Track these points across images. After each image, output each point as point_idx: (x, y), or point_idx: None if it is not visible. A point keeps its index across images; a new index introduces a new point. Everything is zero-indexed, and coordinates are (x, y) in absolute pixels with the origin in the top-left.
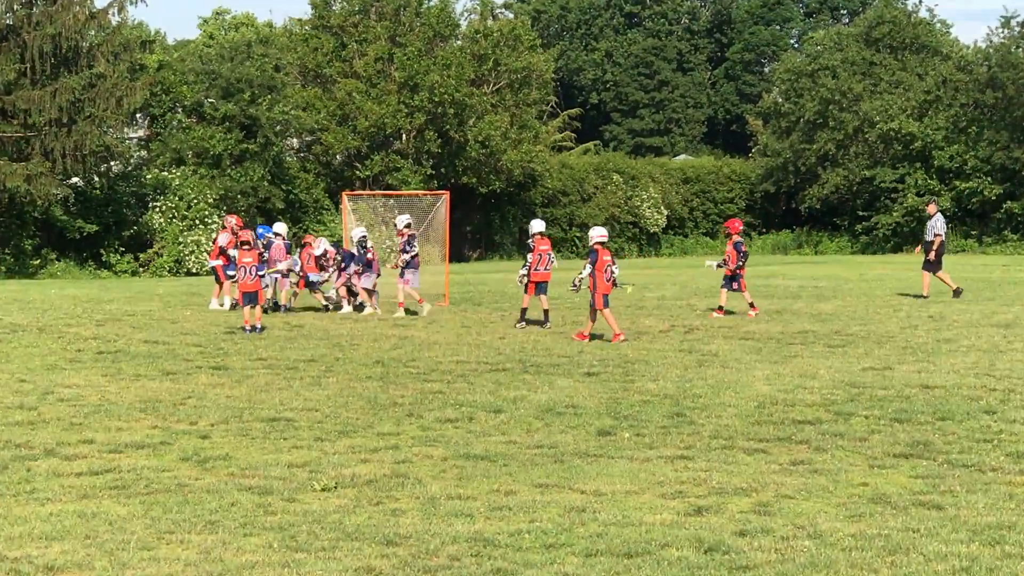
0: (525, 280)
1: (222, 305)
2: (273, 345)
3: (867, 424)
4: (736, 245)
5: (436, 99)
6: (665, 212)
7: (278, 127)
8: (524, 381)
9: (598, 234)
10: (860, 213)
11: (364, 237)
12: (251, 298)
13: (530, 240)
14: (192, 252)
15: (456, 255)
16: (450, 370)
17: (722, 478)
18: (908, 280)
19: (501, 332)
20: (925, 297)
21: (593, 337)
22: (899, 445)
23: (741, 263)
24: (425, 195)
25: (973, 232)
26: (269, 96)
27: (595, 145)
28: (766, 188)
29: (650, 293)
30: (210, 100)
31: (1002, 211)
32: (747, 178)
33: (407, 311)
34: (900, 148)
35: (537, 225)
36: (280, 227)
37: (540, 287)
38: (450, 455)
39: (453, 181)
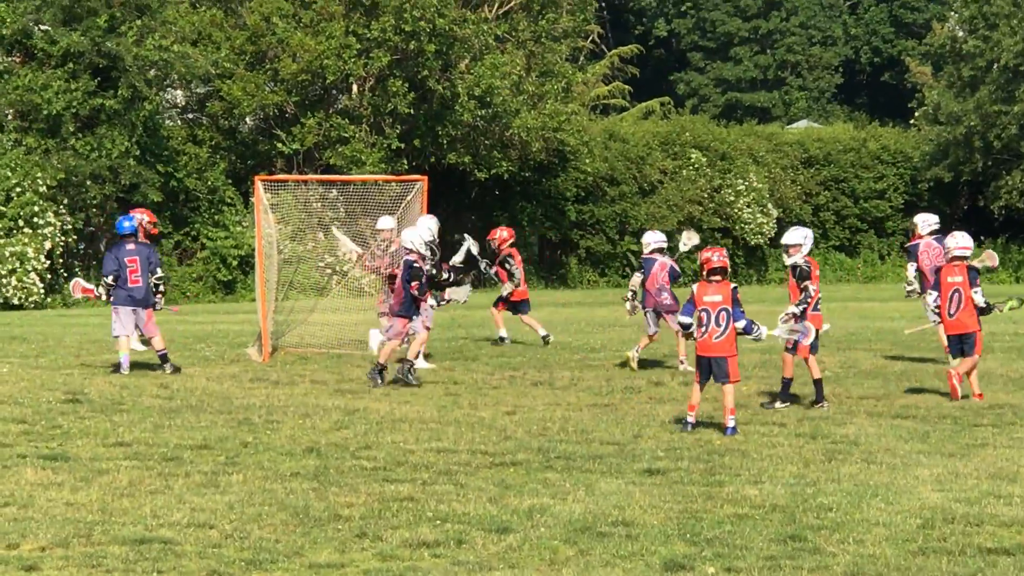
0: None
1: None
2: (142, 422)
3: None
4: None
5: (407, 27)
6: (775, 213)
7: (152, 71)
8: (546, 482)
9: (656, 240)
10: None
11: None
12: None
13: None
14: (13, 272)
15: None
16: (427, 464)
17: None
18: None
19: (512, 402)
20: None
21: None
22: None
23: None
24: (389, 182)
25: None
26: (138, 21)
27: (662, 105)
28: (938, 175)
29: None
30: (43, 27)
31: None
32: (907, 159)
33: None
34: None
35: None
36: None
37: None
38: None
39: (434, 160)
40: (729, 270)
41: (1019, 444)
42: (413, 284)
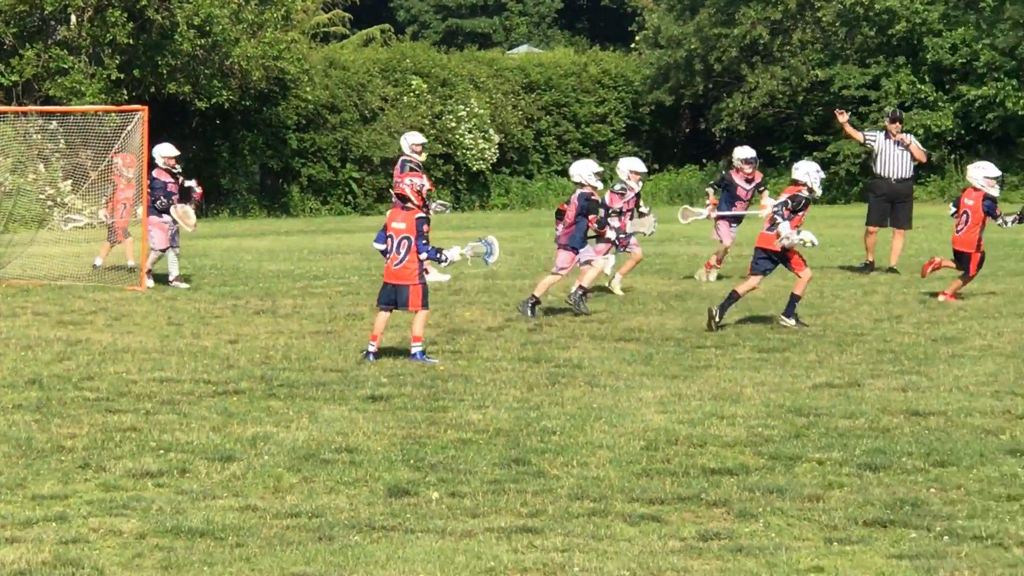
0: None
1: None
2: None
3: (821, 474)
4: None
5: None
6: (496, 138)
7: None
8: (270, 410)
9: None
10: (809, 138)
11: None
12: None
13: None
14: None
15: None
16: (150, 394)
17: (589, 563)
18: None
19: (234, 331)
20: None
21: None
22: (872, 507)
23: None
24: (109, 112)
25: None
26: None
27: (383, 32)
28: (659, 99)
29: (471, 270)
30: None
31: None
32: (628, 83)
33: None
34: (872, 34)
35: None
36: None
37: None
38: (150, 530)
39: (154, 91)
40: (417, 198)
41: (741, 365)
42: (591, 218)
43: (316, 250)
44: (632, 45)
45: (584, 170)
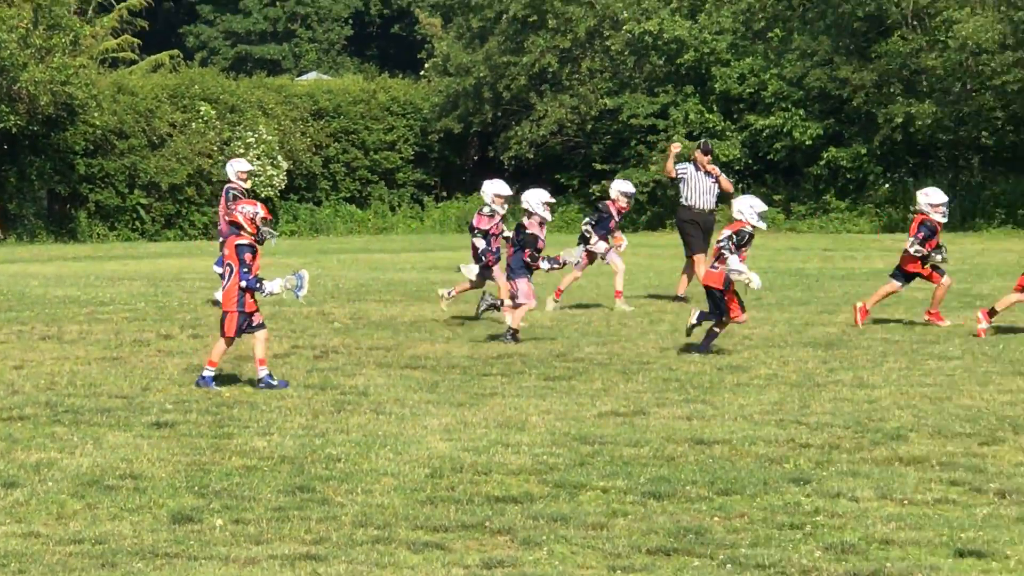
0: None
1: None
2: None
3: (605, 502)
4: None
5: None
6: (285, 165)
7: None
8: (54, 436)
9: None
10: (598, 167)
11: None
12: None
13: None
14: None
15: None
16: None
17: None
18: (677, 274)
19: (19, 357)
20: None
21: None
22: (656, 535)
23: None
24: None
25: (777, 197)
26: None
27: (172, 58)
28: (448, 126)
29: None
30: None
31: (822, 163)
32: (417, 110)
33: None
34: (661, 63)
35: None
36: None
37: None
38: None
39: None
40: (250, 226)
41: (527, 393)
42: (526, 251)
43: (103, 276)
44: (421, 73)
45: (534, 199)
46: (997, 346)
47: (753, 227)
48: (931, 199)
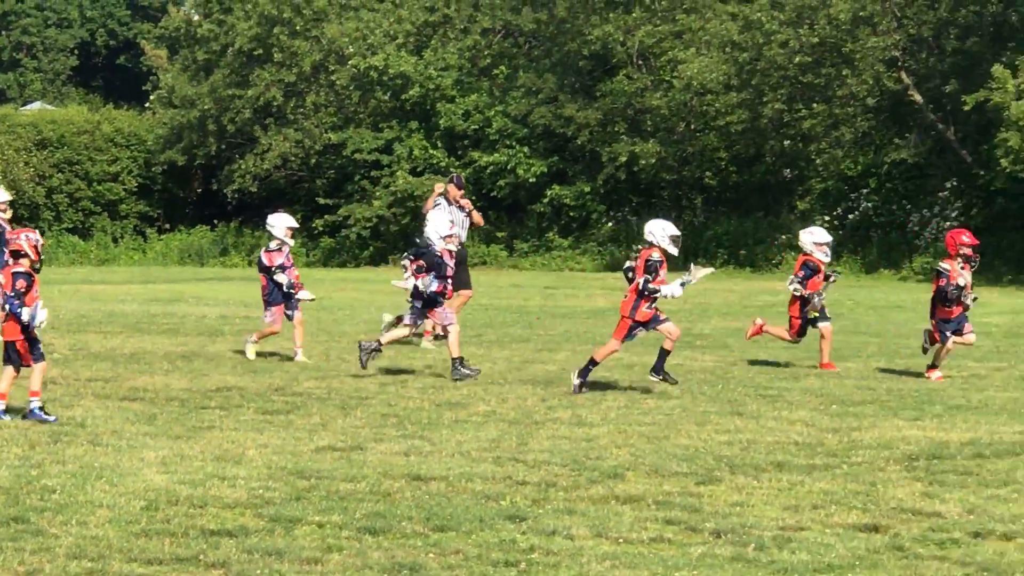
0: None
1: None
2: None
3: (320, 537)
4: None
5: None
6: (7, 195)
7: None
8: None
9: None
10: (321, 201)
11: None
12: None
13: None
14: None
15: None
16: None
17: None
18: (392, 307)
19: None
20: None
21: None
22: (371, 570)
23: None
24: None
25: (500, 234)
26: None
27: None
28: (172, 158)
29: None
30: None
31: (545, 201)
32: (141, 142)
33: None
34: (387, 99)
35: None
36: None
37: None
38: None
39: None
40: (34, 253)
41: (245, 427)
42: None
43: None
44: (147, 104)
45: (433, 233)
46: (716, 386)
47: (663, 251)
48: (816, 238)
